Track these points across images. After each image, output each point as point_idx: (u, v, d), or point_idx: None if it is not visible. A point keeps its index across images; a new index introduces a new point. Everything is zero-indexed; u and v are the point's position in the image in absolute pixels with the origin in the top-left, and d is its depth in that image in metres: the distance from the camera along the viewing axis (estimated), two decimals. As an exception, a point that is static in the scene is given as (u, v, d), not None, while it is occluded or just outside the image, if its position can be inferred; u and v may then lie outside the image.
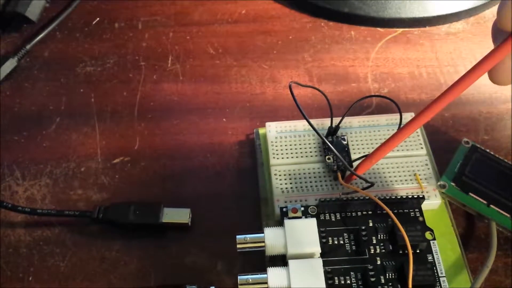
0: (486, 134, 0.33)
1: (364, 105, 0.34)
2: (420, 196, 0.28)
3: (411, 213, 0.28)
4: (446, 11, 0.38)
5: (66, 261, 0.29)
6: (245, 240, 0.26)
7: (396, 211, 0.28)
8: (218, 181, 0.31)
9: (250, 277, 0.25)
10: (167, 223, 0.29)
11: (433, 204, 0.29)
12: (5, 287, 0.28)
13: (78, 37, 0.38)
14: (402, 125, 0.26)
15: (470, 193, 0.29)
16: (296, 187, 0.29)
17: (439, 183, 0.29)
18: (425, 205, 0.28)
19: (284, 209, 0.28)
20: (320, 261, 0.25)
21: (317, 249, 0.25)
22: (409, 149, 0.30)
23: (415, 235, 0.26)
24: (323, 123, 0.31)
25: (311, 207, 0.28)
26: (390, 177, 0.29)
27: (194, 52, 0.38)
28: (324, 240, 0.27)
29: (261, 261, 0.27)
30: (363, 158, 0.27)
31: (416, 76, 0.36)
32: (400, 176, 0.29)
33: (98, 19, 0.39)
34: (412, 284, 0.24)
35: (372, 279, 0.26)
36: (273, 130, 0.31)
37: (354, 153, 0.30)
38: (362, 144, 0.31)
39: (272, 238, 0.26)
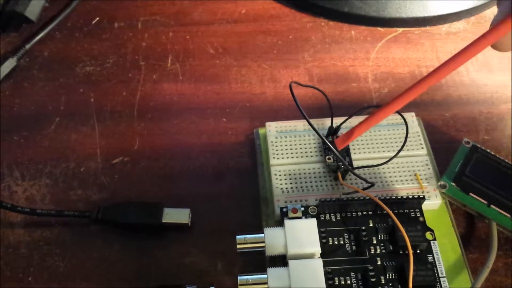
0: (486, 134, 0.33)
1: (364, 105, 0.34)
2: (421, 196, 0.28)
3: (412, 213, 0.28)
4: (447, 11, 0.38)
5: (66, 261, 0.29)
6: (245, 240, 0.26)
7: (396, 211, 0.28)
8: (218, 181, 0.31)
9: (250, 277, 0.25)
10: (167, 223, 0.29)
11: (433, 204, 0.29)
12: (5, 287, 0.28)
13: (78, 37, 0.38)
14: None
15: (471, 193, 0.29)
16: (296, 187, 0.29)
17: (439, 183, 0.29)
18: (425, 205, 0.28)
19: (284, 209, 0.27)
20: (320, 262, 0.25)
21: (317, 250, 0.25)
22: (410, 149, 0.30)
23: (416, 235, 0.26)
24: (323, 123, 0.31)
25: (311, 207, 0.28)
26: (390, 177, 0.29)
27: (194, 52, 0.37)
28: (324, 240, 0.27)
29: (261, 261, 0.27)
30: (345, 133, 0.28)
31: (417, 76, 0.36)
32: (400, 176, 0.29)
33: (97, 19, 0.39)
34: (412, 285, 0.24)
35: (373, 280, 0.25)
36: (273, 130, 0.31)
37: (354, 153, 0.30)
38: (362, 144, 0.31)
39: (272, 238, 0.26)
